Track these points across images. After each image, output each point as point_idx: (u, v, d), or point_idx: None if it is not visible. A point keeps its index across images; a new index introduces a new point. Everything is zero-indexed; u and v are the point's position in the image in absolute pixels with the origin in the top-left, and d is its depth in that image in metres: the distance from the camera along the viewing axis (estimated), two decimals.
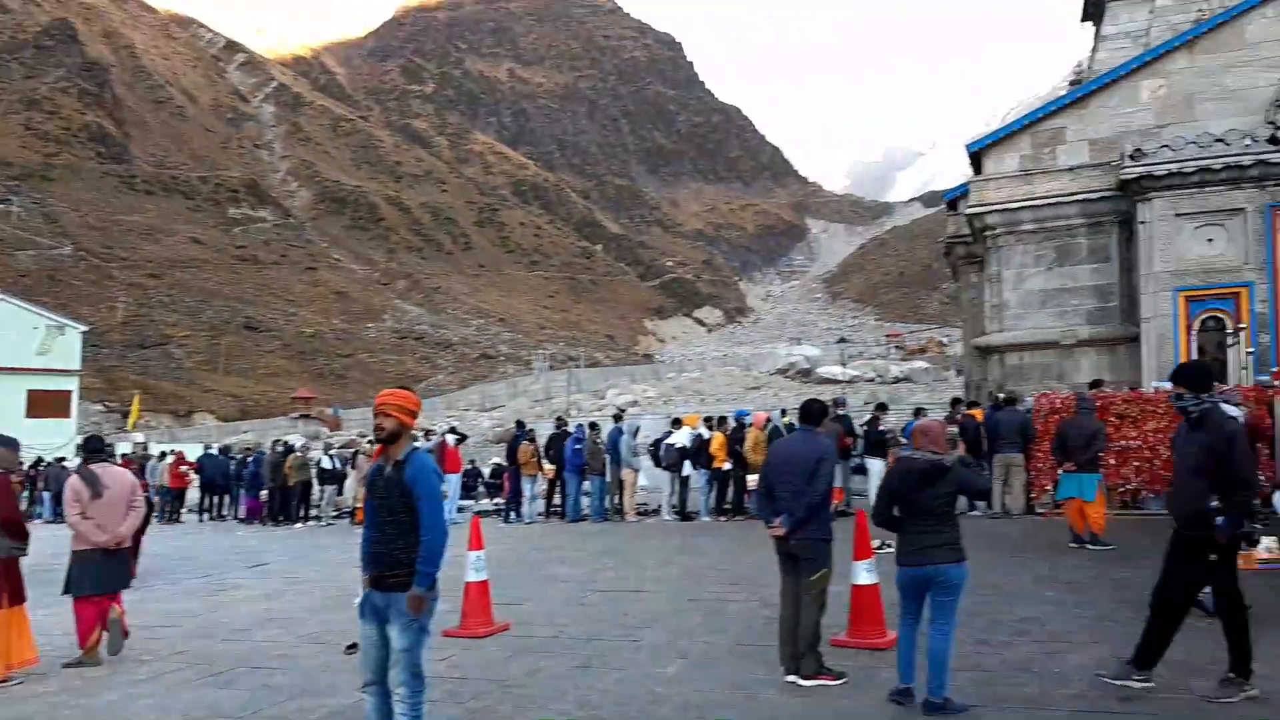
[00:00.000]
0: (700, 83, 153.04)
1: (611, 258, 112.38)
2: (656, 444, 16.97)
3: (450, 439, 18.42)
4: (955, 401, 18.01)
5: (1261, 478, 10.54)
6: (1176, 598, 5.38)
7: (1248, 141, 14.78)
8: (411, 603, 4.42)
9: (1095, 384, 14.19)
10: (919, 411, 16.93)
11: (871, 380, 60.04)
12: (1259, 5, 15.90)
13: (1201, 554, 5.22)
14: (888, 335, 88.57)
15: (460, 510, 18.33)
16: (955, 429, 13.74)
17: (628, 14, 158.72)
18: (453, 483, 17.56)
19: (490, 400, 59.54)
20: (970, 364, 22.71)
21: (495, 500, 20.21)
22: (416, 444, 4.74)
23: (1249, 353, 14.60)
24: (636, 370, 72.78)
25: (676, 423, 17.19)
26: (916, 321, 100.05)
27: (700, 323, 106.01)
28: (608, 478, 16.63)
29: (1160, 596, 5.46)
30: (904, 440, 14.19)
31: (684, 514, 15.93)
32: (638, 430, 17.59)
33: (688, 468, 15.97)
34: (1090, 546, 10.39)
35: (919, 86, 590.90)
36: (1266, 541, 5.20)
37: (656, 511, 16.69)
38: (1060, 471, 11.32)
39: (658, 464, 16.74)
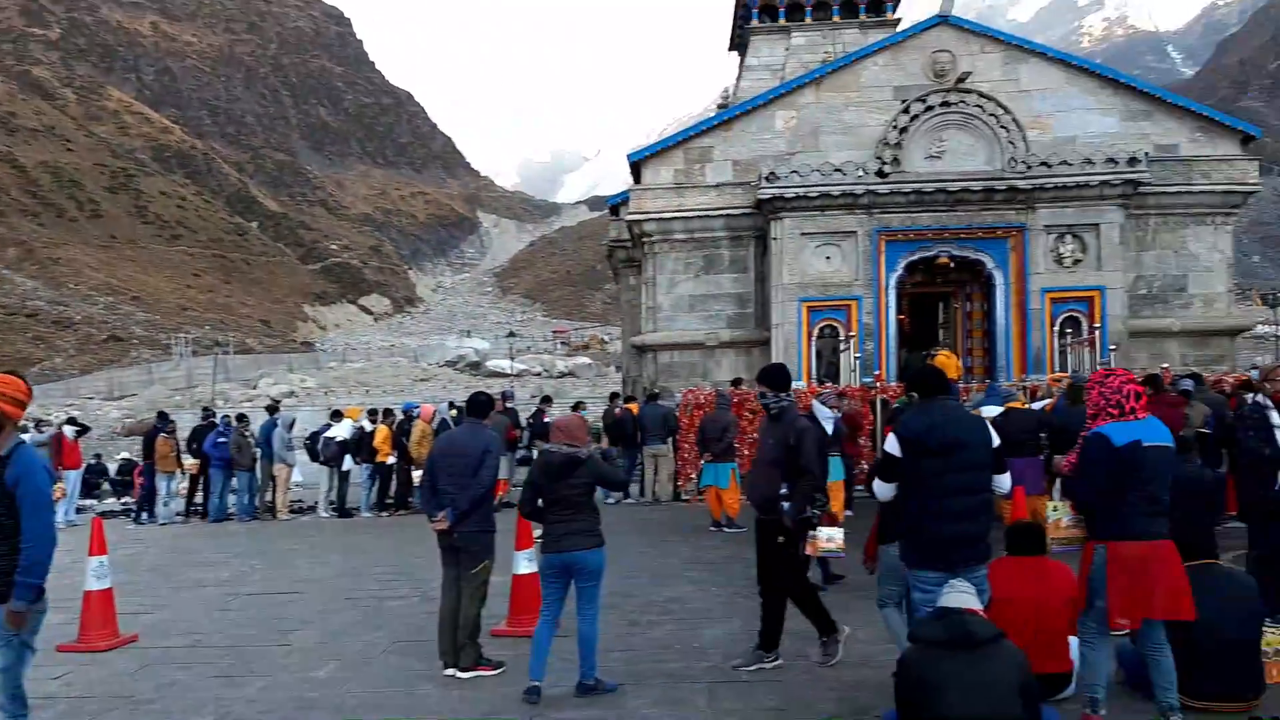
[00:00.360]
0: (370, 62, 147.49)
1: (269, 237, 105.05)
2: (314, 437, 16.24)
3: (69, 431, 16.35)
4: (614, 396, 19.13)
5: (862, 466, 12.22)
6: (773, 578, 6.03)
7: (860, 173, 17.00)
8: (10, 618, 3.95)
9: (736, 382, 15.63)
10: (546, 399, 17.74)
11: (539, 374, 61.53)
12: (872, 54, 18.32)
13: (774, 536, 5.93)
14: (555, 331, 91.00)
15: (80, 511, 16.37)
16: (601, 423, 14.68)
17: None
18: (71, 480, 15.64)
19: (120, 388, 53.28)
20: (629, 361, 24.09)
21: (124, 500, 18.27)
22: (24, 437, 4.22)
23: (857, 357, 16.82)
24: (294, 359, 68.79)
25: (336, 415, 16.57)
26: (582, 319, 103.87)
27: (366, 311, 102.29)
28: (258, 474, 15.66)
29: (762, 579, 6.12)
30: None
31: (343, 510, 15.40)
32: (293, 423, 16.74)
33: (348, 462, 15.46)
34: (726, 529, 11.49)
35: (588, 93, 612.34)
36: (828, 531, 5.99)
37: (313, 509, 15.97)
38: (702, 461, 12.40)
39: (315, 458, 16.03)
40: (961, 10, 19.63)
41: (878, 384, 15.18)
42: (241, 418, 16.37)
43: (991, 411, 9.45)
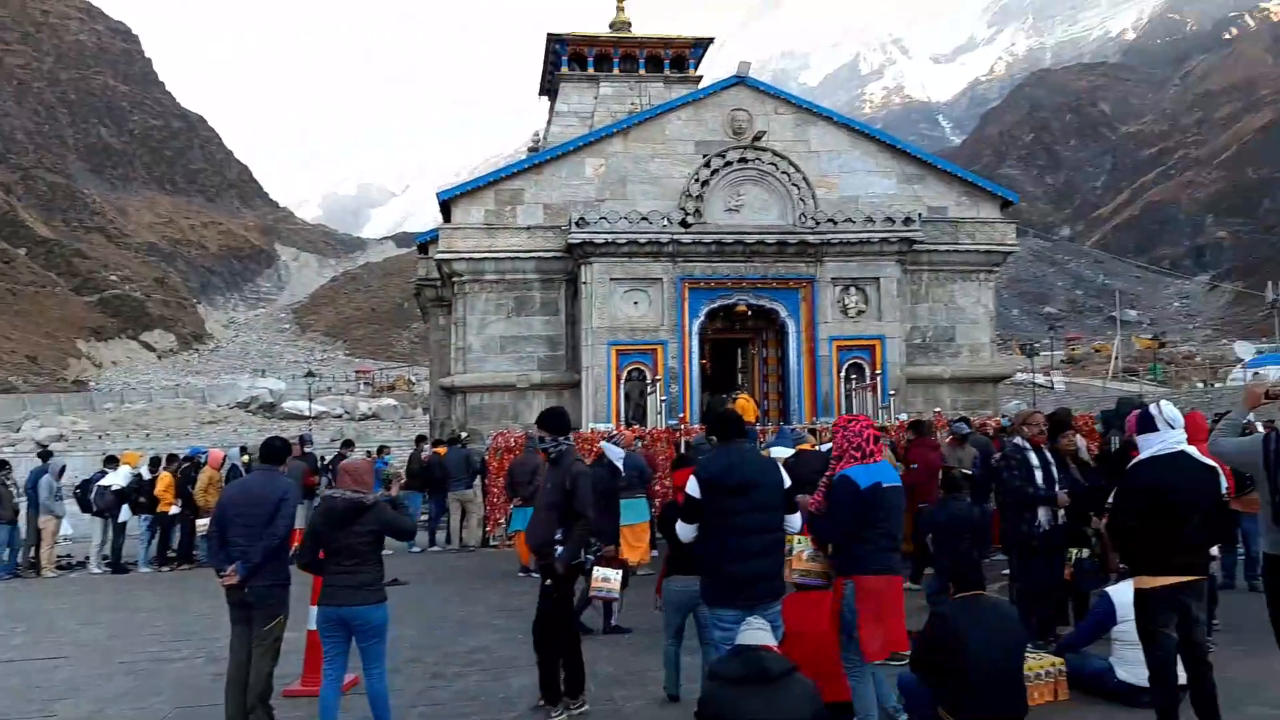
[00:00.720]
0: (160, 83, 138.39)
1: (39, 265, 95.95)
2: (86, 485, 14.93)
3: None
4: (420, 439, 18.66)
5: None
6: (543, 626, 5.97)
7: (665, 222, 17.65)
8: None
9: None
10: (347, 443, 17.20)
11: (340, 416, 59.12)
12: (676, 109, 19.16)
13: (549, 579, 5.96)
14: (358, 371, 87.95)
15: None
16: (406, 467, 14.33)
17: None
18: None
19: None
20: (437, 403, 23.67)
21: None
22: None
23: (663, 400, 17.31)
24: (65, 399, 62.98)
25: (111, 461, 15.33)
26: (388, 359, 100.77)
27: (149, 347, 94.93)
28: (21, 527, 14.22)
29: (535, 628, 6.00)
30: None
31: (118, 566, 14.22)
32: (63, 470, 15.33)
33: (125, 512, 14.31)
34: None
35: (398, 127, 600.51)
36: (603, 571, 6.13)
37: (83, 564, 14.64)
38: (511, 506, 12.34)
39: (86, 509, 14.73)
40: (756, 72, 20.87)
41: (682, 426, 15.66)
42: (2, 464, 14.84)
43: (783, 453, 9.96)
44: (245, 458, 15.14)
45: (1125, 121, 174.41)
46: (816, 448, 11.95)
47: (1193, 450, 4.95)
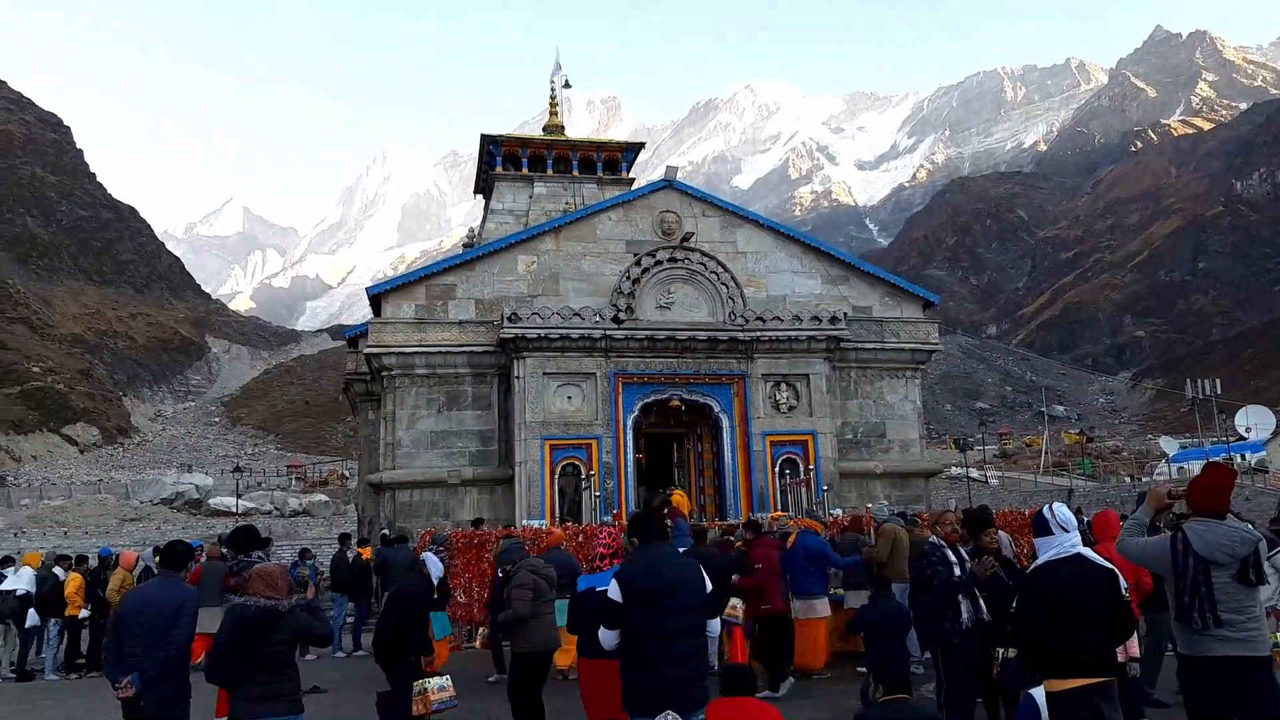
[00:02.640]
0: (90, 174, 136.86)
1: None
2: None
3: None
4: (344, 538, 18.09)
5: None
6: None
7: (598, 318, 17.81)
8: None
9: (476, 522, 15.39)
10: (304, 553, 16.62)
11: (269, 512, 57.23)
12: (607, 209, 19.56)
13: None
14: (290, 466, 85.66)
15: None
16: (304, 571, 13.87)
17: (3, 81, 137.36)
18: None
19: None
20: (365, 500, 23.08)
21: None
22: None
23: (598, 495, 17.14)
24: None
25: (8, 562, 14.55)
26: (321, 453, 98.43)
27: (71, 441, 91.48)
28: None
29: None
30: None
31: (23, 673, 13.38)
32: None
33: (32, 617, 13.53)
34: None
35: (333, 221, 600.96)
36: (437, 681, 6.04)
37: None
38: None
39: None
40: (689, 175, 21.51)
41: (616, 522, 15.47)
42: None
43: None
44: (159, 558, 14.52)
45: (1042, 226, 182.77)
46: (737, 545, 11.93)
47: (1088, 553, 5.03)
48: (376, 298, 18.58)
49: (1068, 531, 4.95)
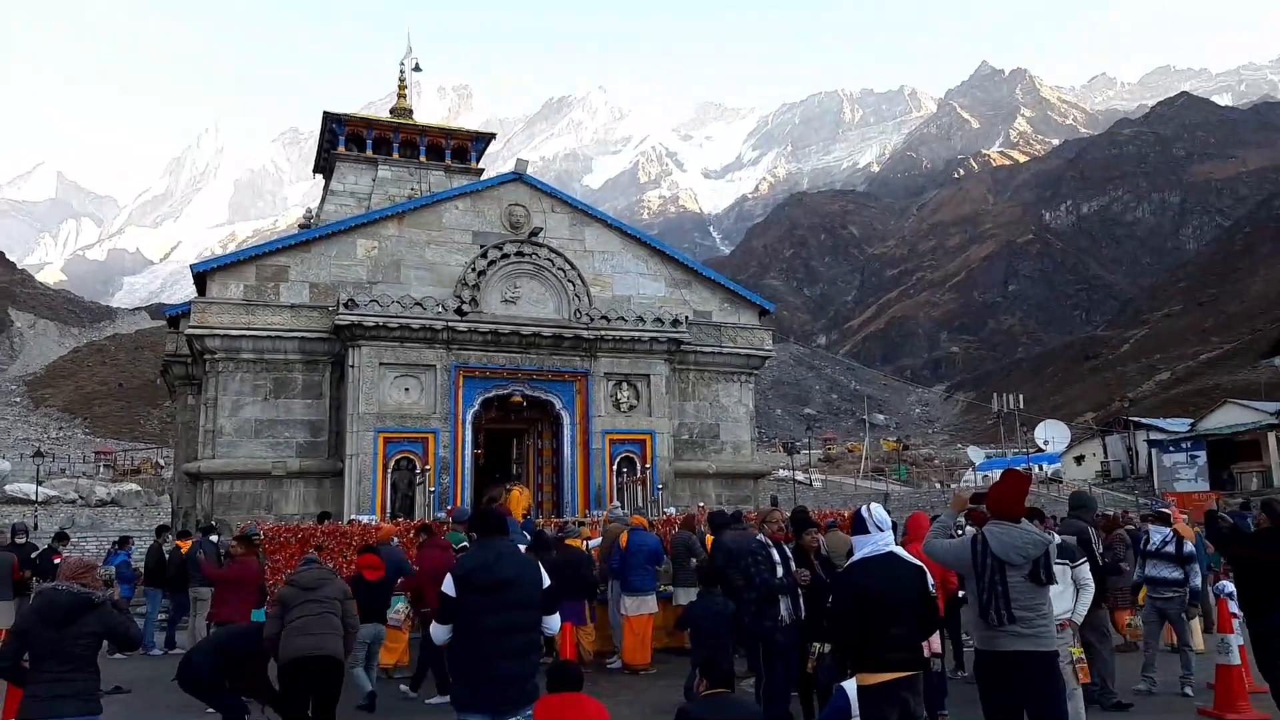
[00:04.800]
0: None
1: None
2: None
3: None
4: (162, 529, 17.01)
5: None
6: None
7: (440, 309, 17.45)
8: None
9: (323, 517, 14.80)
10: (61, 536, 15.41)
11: (73, 502, 53.02)
12: (454, 198, 19.19)
13: None
14: (99, 452, 79.70)
15: None
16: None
17: None
18: None
19: None
20: (181, 490, 21.77)
21: None
22: None
23: (432, 490, 16.80)
24: None
25: None
26: (134, 439, 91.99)
27: None
28: None
29: None
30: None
31: None
32: None
33: None
34: None
35: (158, 190, 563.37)
36: None
37: None
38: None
39: None
40: (540, 171, 21.39)
41: (449, 519, 15.21)
42: None
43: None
44: None
45: (871, 244, 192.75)
46: (585, 543, 12.02)
47: (900, 551, 5.35)
48: (202, 276, 17.51)
49: (882, 531, 5.24)
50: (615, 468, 18.36)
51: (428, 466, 17.04)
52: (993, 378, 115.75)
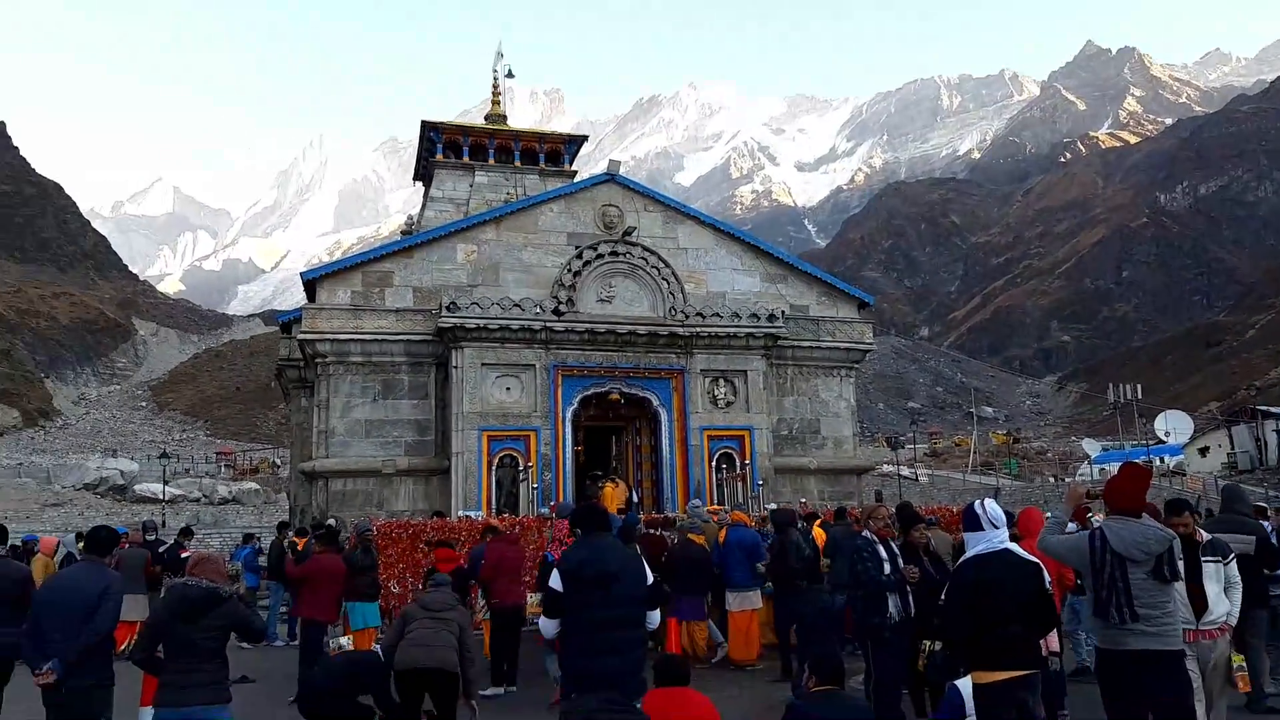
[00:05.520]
0: (14, 148, 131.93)
1: None
2: None
3: None
4: (283, 526, 17.76)
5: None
6: None
7: (538, 310, 17.73)
8: None
9: (437, 515, 15.13)
10: (185, 531, 16.23)
11: (197, 500, 55.87)
12: (549, 201, 19.47)
13: None
14: (219, 453, 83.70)
15: None
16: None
17: None
18: None
19: None
20: (296, 488, 22.68)
21: None
22: None
23: (535, 487, 17.08)
24: None
25: None
26: (252, 440, 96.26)
27: None
28: None
29: None
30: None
31: None
32: None
33: None
34: None
35: (268, 203, 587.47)
36: (345, 640, 6.06)
37: None
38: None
39: None
40: (632, 171, 21.51)
41: (552, 514, 15.43)
42: None
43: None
44: (81, 544, 14.10)
45: (974, 232, 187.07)
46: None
47: (1015, 547, 5.19)
48: (311, 283, 18.22)
49: (997, 527, 5.10)
50: (714, 464, 18.33)
51: (530, 464, 17.33)
52: (1107, 367, 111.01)
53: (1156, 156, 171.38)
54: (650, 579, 5.35)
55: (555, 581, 5.16)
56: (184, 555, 14.17)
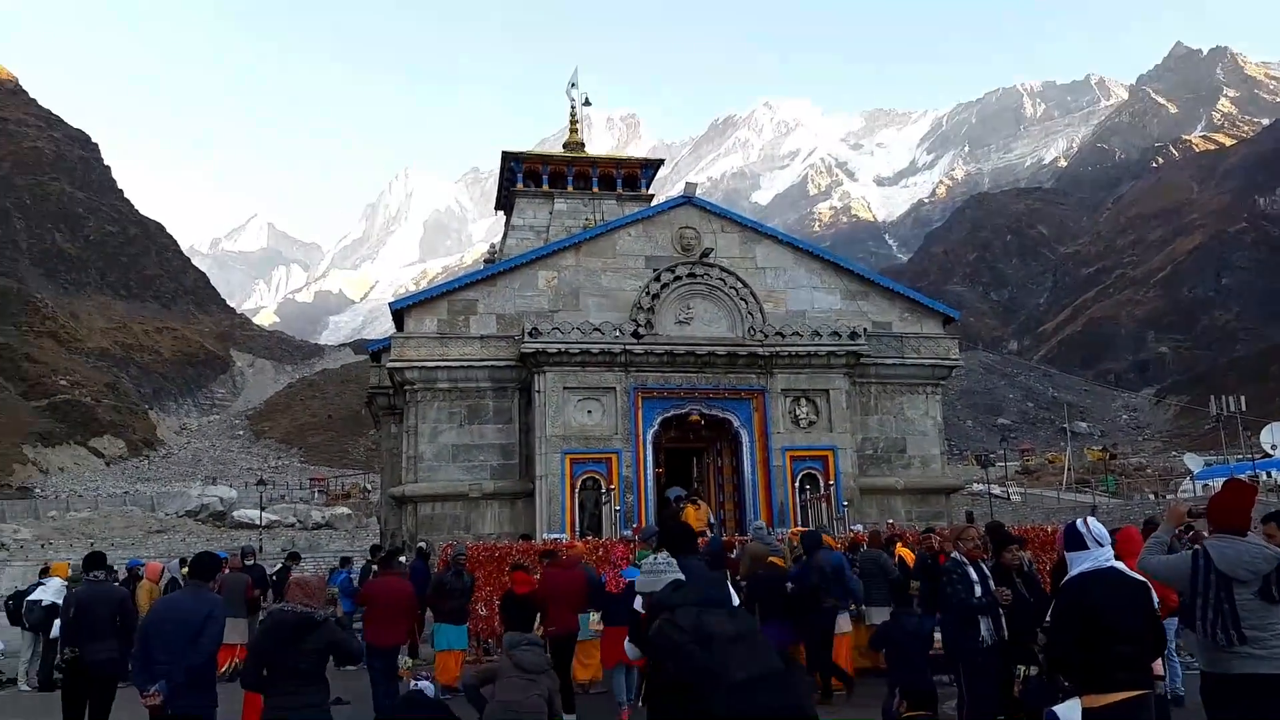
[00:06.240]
0: (118, 190, 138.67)
1: None
2: (17, 597, 14.30)
3: None
4: (375, 549, 18.22)
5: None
6: None
7: (618, 333, 17.88)
8: None
9: (524, 538, 15.34)
10: (293, 555, 16.75)
11: (292, 525, 57.67)
12: (626, 225, 19.66)
13: None
14: (313, 479, 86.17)
15: None
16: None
17: (34, 99, 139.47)
18: None
19: None
20: (387, 513, 23.23)
21: None
22: None
23: (618, 509, 17.16)
24: (9, 506, 60.67)
25: (45, 572, 14.73)
26: (343, 466, 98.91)
27: (98, 453, 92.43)
28: None
29: None
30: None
31: (47, 682, 13.51)
32: None
33: (57, 628, 13.66)
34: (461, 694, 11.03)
35: (355, 235, 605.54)
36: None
37: (12, 681, 13.89)
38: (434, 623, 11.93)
39: (15, 622, 14.07)
40: (708, 191, 21.62)
41: (636, 536, 15.45)
42: None
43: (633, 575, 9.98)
44: (185, 570, 14.69)
45: (1063, 242, 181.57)
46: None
47: (1122, 566, 5.02)
48: (399, 313, 18.73)
49: (1101, 545, 4.96)
50: (798, 485, 18.14)
51: (612, 486, 17.42)
52: (1208, 379, 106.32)
53: (1254, 158, 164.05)
54: (735, 601, 5.32)
55: (639, 605, 5.16)
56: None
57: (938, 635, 8.36)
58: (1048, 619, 5.60)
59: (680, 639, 3.85)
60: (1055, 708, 6.10)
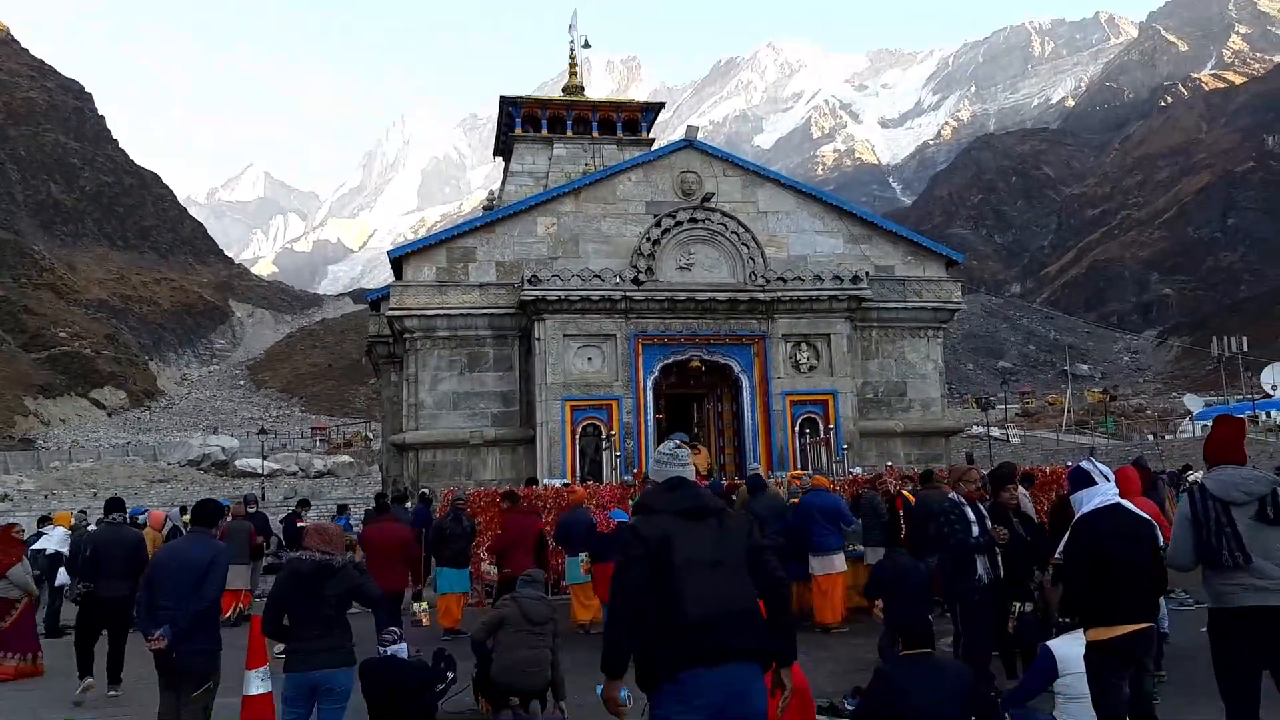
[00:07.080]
0: (113, 140, 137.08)
1: None
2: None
3: None
4: (379, 497, 18.36)
5: None
6: None
7: (618, 280, 17.80)
8: None
9: (531, 481, 15.45)
10: (303, 502, 16.90)
11: (294, 474, 58.16)
12: (626, 170, 19.45)
13: None
14: (314, 428, 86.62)
15: None
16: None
17: (26, 49, 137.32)
18: None
19: None
20: (389, 460, 23.37)
21: None
22: None
23: (618, 455, 17.25)
24: (10, 457, 61.13)
25: (45, 521, 14.89)
26: (344, 415, 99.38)
27: (99, 404, 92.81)
28: None
29: None
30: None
31: (54, 630, 13.72)
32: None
33: (61, 575, 13.86)
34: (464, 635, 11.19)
35: (353, 183, 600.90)
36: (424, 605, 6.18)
37: None
38: (435, 567, 12.11)
39: None
40: (710, 135, 21.33)
41: (636, 481, 15.56)
42: None
43: (621, 516, 10.69)
44: (186, 518, 14.84)
45: (1068, 184, 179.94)
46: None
47: (1127, 503, 5.06)
48: (398, 261, 18.65)
49: (1109, 480, 5.02)
50: (797, 429, 18.21)
51: (613, 432, 17.50)
52: (1211, 320, 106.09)
53: (1264, 97, 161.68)
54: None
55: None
56: (300, 525, 14.84)
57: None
58: (1056, 556, 5.64)
59: (636, 552, 3.65)
60: (1049, 642, 6.20)
